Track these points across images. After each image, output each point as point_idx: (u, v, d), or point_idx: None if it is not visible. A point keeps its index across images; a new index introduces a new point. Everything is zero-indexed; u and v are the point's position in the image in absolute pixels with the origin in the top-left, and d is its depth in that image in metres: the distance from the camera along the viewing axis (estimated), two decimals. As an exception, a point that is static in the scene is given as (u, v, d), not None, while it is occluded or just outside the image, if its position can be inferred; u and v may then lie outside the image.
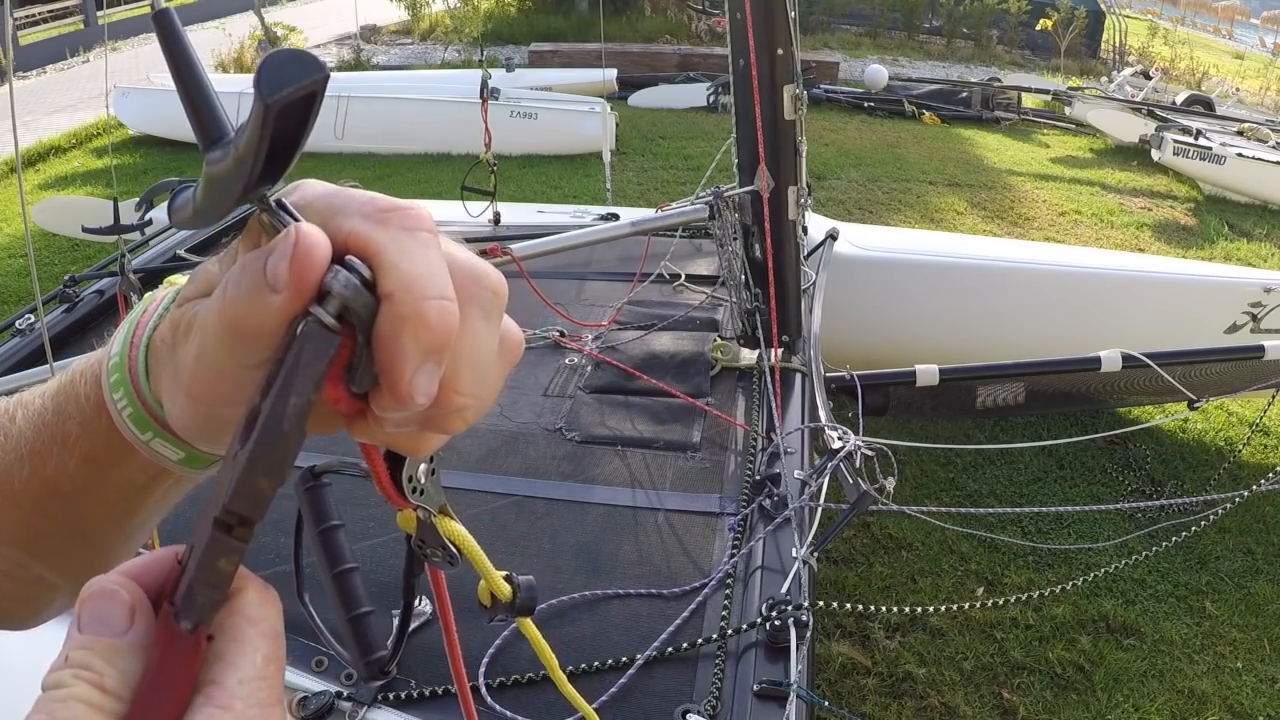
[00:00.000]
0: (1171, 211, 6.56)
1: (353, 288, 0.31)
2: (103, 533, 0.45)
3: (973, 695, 2.43)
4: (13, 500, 0.43)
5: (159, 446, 0.40)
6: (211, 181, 0.34)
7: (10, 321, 2.69)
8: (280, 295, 0.31)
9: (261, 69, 0.29)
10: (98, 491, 0.42)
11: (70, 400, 0.42)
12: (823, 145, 7.55)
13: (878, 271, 3.34)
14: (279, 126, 0.30)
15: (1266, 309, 3.21)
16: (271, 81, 0.29)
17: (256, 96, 0.29)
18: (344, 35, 12.15)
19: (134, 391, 0.39)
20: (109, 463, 0.41)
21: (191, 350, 0.35)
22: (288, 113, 0.30)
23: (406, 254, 0.32)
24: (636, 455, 2.09)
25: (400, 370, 0.31)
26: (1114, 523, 3.07)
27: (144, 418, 0.39)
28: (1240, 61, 14.09)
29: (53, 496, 0.42)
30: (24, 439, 0.43)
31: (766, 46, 2.17)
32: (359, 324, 0.31)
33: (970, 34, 12.99)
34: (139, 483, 0.42)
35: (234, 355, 0.33)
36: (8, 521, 0.43)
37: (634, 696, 1.44)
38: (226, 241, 1.66)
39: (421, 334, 0.31)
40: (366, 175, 6.65)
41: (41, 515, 0.43)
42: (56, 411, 0.42)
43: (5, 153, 6.62)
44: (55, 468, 0.42)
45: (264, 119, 0.29)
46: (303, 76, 0.30)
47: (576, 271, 3.02)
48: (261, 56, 0.33)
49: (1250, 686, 2.47)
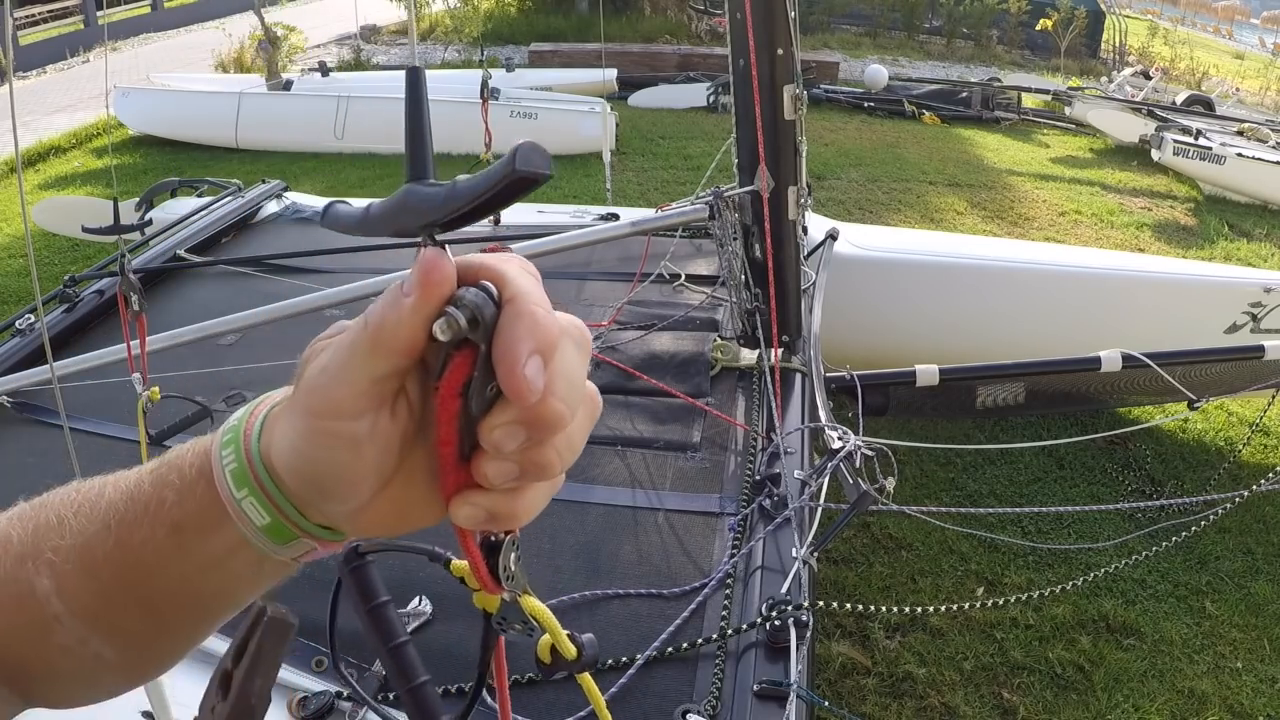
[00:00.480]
0: (1171, 211, 6.56)
1: (481, 298, 0.37)
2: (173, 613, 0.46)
3: (973, 695, 2.43)
4: (92, 570, 0.44)
5: (248, 507, 0.42)
6: (406, 205, 0.41)
7: (10, 321, 2.68)
8: (410, 297, 0.37)
9: (519, 149, 0.36)
10: (179, 564, 0.43)
11: (173, 470, 0.44)
12: (823, 145, 7.55)
13: (878, 271, 3.34)
14: (502, 193, 0.37)
15: (1266, 309, 3.21)
16: (524, 159, 0.36)
17: (508, 163, 0.36)
18: (344, 35, 12.15)
19: (243, 448, 0.42)
20: (196, 532, 0.43)
21: (319, 364, 0.40)
22: (513, 188, 0.37)
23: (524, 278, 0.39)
24: (636, 455, 2.09)
25: (517, 354, 0.36)
26: (1114, 523, 3.07)
27: (244, 473, 0.42)
28: (1240, 61, 14.09)
29: (134, 568, 0.44)
30: (113, 509, 0.44)
31: (766, 46, 2.16)
32: (483, 329, 0.37)
33: (970, 34, 12.99)
34: (219, 556, 0.43)
35: (368, 364, 0.38)
36: (82, 593, 0.44)
37: (634, 696, 1.44)
38: (226, 241, 1.67)
39: (534, 328, 0.37)
40: (366, 175, 6.65)
41: (118, 587, 0.44)
42: (155, 482, 0.44)
43: (5, 153, 6.62)
44: (142, 539, 0.43)
45: (502, 179, 0.36)
46: (542, 167, 0.37)
47: (576, 271, 3.02)
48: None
49: (1250, 686, 2.47)
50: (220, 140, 7.30)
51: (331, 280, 2.61)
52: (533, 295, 0.38)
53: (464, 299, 0.37)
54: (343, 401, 0.38)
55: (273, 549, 0.43)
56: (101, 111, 8.39)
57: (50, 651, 0.45)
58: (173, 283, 3.11)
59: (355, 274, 2.64)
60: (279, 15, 11.56)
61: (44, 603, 0.44)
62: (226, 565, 0.44)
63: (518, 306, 0.37)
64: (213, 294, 2.97)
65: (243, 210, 3.56)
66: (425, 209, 0.40)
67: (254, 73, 9.04)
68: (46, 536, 0.45)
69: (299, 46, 10.76)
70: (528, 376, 0.36)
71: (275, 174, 4.37)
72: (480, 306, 0.37)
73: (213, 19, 13.95)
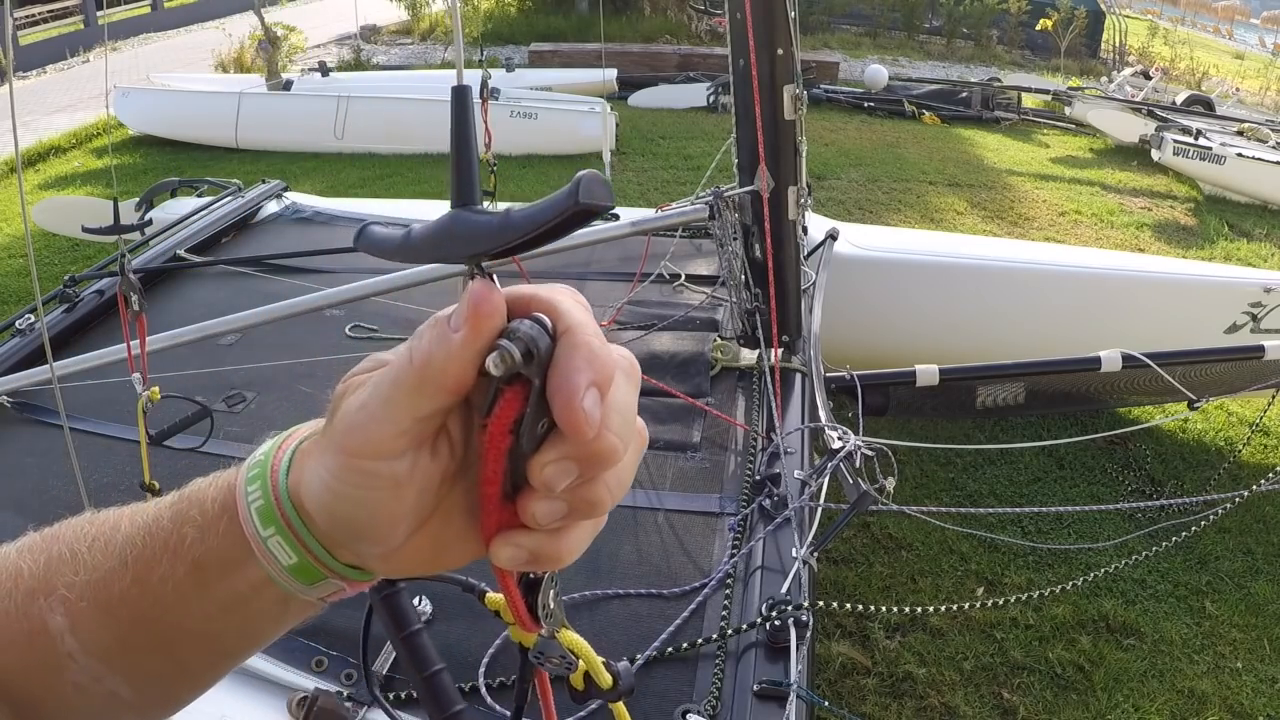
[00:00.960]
0: (1171, 211, 6.56)
1: (536, 330, 0.36)
2: (192, 653, 0.45)
3: (973, 695, 2.43)
4: (108, 608, 0.42)
5: (275, 546, 0.40)
6: (453, 232, 0.39)
7: (10, 321, 2.68)
8: (459, 333, 0.36)
9: (582, 180, 0.35)
10: (199, 603, 0.42)
11: (194, 505, 0.43)
12: (823, 145, 7.54)
13: (878, 271, 3.34)
14: (562, 225, 0.36)
15: (1266, 309, 3.21)
16: (586, 191, 0.35)
17: (570, 194, 0.35)
18: (344, 35, 12.15)
19: (270, 485, 0.41)
20: (218, 571, 0.42)
21: (357, 400, 0.38)
22: (574, 220, 0.35)
23: (577, 309, 0.38)
24: (636, 455, 2.09)
25: (574, 387, 0.35)
26: (1114, 523, 3.07)
27: (271, 511, 0.40)
28: (1240, 61, 14.09)
29: (153, 606, 0.42)
30: (130, 545, 0.43)
31: (766, 46, 2.16)
32: (537, 363, 0.36)
33: (970, 34, 12.98)
34: (243, 595, 0.42)
35: (412, 402, 0.36)
36: (98, 630, 0.43)
37: (634, 697, 1.43)
38: (226, 241, 1.67)
39: (592, 360, 0.36)
40: (367, 175, 6.66)
41: (135, 626, 0.43)
42: (174, 518, 0.43)
43: (5, 153, 6.62)
44: (161, 576, 0.42)
45: (565, 210, 0.35)
46: (605, 199, 0.35)
47: (576, 271, 3.02)
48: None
49: (1250, 686, 2.47)
50: (220, 140, 7.30)
51: (331, 280, 2.61)
52: (588, 327, 0.37)
53: (518, 331, 0.36)
54: (384, 441, 0.37)
55: (299, 589, 0.42)
56: (101, 111, 8.39)
57: (63, 689, 0.44)
58: (173, 283, 3.11)
59: (355, 274, 2.63)
60: (279, 15, 11.57)
61: (57, 640, 0.42)
62: (250, 605, 0.42)
63: (574, 338, 0.36)
64: (213, 294, 2.97)
65: (243, 210, 3.56)
66: (476, 237, 0.38)
67: (254, 73, 9.04)
68: (59, 571, 0.43)
69: (299, 46, 10.77)
70: (586, 410, 0.34)
71: (275, 174, 4.37)
72: (535, 339, 0.36)
73: (213, 19, 13.96)
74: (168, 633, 0.43)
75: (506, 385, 0.36)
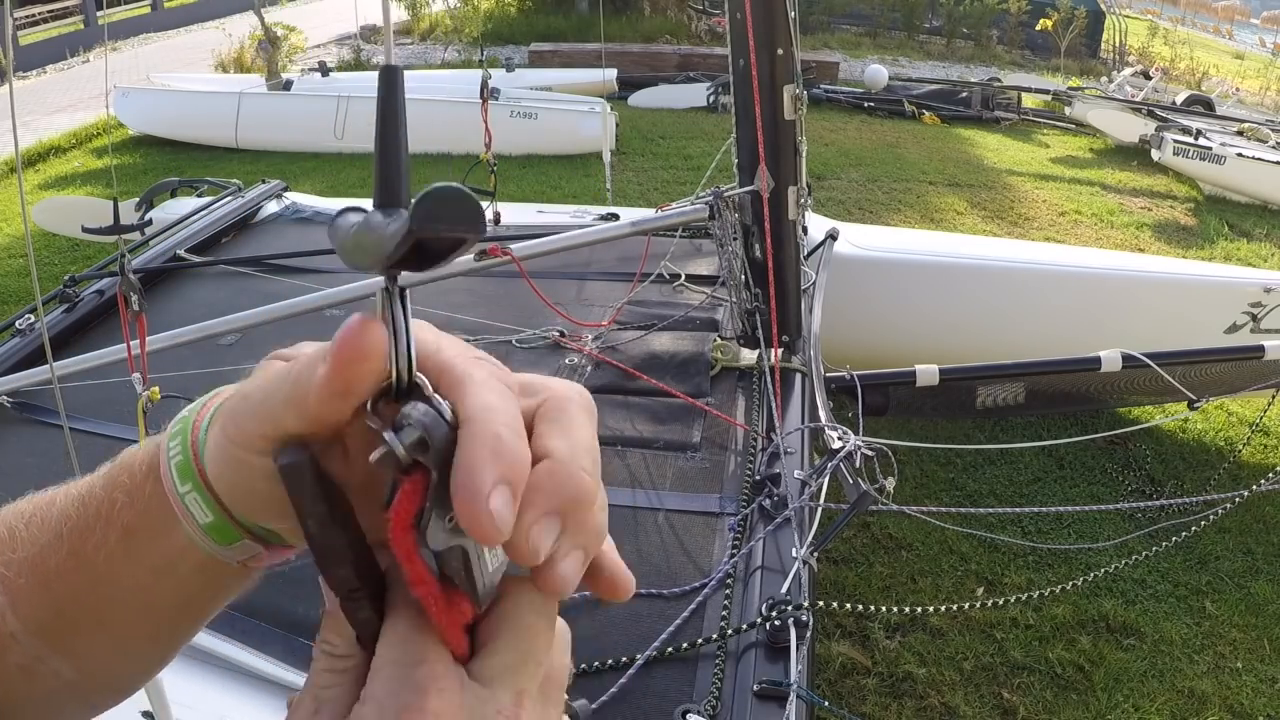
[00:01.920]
0: (1171, 211, 6.56)
1: (431, 416, 0.32)
2: (128, 628, 0.44)
3: (973, 695, 2.43)
4: (45, 582, 0.42)
5: (192, 503, 0.39)
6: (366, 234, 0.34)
7: (10, 321, 2.68)
8: (324, 366, 0.32)
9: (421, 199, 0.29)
10: (131, 572, 0.41)
11: (124, 470, 0.42)
12: (823, 145, 7.54)
13: (878, 271, 3.34)
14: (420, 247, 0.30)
15: (1266, 309, 3.21)
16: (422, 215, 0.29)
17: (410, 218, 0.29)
18: (344, 35, 12.15)
19: (190, 441, 0.39)
20: (147, 536, 0.41)
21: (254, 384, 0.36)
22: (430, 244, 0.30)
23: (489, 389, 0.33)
24: (636, 455, 2.09)
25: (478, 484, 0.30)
26: (1114, 523, 3.07)
27: (189, 467, 0.39)
28: (1240, 61, 14.09)
29: (88, 577, 0.41)
30: (65, 517, 0.42)
31: (766, 46, 2.16)
32: (433, 453, 0.31)
33: (970, 34, 12.98)
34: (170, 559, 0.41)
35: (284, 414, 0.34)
36: (36, 606, 0.42)
37: (634, 696, 1.44)
38: (226, 241, 1.68)
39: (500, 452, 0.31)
40: (366, 175, 6.61)
41: (72, 600, 0.42)
42: (106, 485, 0.42)
43: (5, 153, 6.61)
44: (95, 545, 0.41)
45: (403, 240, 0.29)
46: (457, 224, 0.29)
47: (576, 271, 3.02)
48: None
49: (1250, 686, 2.47)
50: (220, 140, 7.30)
51: (331, 280, 2.61)
52: (497, 412, 0.32)
53: (410, 417, 0.31)
54: (252, 440, 0.35)
55: (217, 550, 0.40)
56: (101, 111, 8.39)
57: (8, 672, 0.43)
58: (173, 283, 3.11)
59: (355, 274, 2.63)
60: (279, 15, 11.57)
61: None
62: (177, 570, 0.41)
63: (477, 427, 0.31)
64: (213, 294, 2.98)
65: (243, 210, 3.56)
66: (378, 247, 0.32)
67: (254, 73, 9.04)
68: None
69: (299, 46, 10.76)
70: (495, 511, 0.30)
71: (275, 174, 4.37)
72: (430, 428, 0.31)
73: (213, 19, 13.96)
74: (103, 605, 0.42)
75: (404, 475, 0.32)
